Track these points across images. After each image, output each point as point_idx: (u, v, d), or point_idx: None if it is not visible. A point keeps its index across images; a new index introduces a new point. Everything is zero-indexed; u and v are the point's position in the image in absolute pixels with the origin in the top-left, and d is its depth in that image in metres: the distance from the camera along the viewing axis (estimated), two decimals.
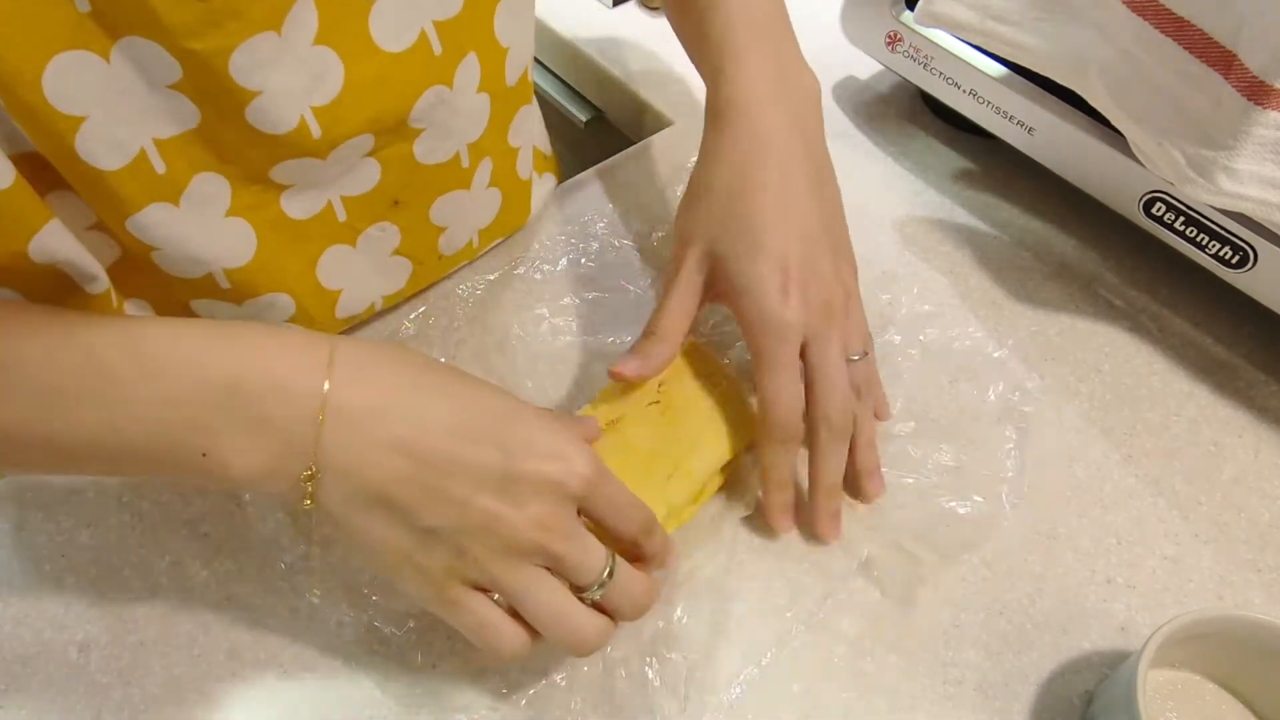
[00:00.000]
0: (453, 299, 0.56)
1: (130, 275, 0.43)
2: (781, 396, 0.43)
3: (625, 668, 0.42)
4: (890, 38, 0.62)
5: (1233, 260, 0.51)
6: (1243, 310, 0.55)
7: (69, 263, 0.39)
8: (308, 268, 0.47)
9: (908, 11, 0.61)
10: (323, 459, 0.34)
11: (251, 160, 0.40)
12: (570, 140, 0.77)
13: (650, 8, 0.77)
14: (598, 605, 0.38)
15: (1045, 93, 0.56)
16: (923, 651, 0.43)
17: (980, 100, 0.59)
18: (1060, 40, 0.52)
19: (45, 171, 0.37)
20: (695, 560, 0.45)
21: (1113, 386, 0.54)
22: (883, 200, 0.63)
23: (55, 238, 0.38)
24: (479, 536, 0.35)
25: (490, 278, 0.57)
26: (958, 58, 0.59)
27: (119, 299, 0.43)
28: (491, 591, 0.36)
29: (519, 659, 0.37)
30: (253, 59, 0.36)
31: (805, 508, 0.47)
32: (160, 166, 0.38)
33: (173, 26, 0.34)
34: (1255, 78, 0.44)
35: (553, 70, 0.79)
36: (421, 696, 0.41)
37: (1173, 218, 0.53)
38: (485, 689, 0.41)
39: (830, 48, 0.67)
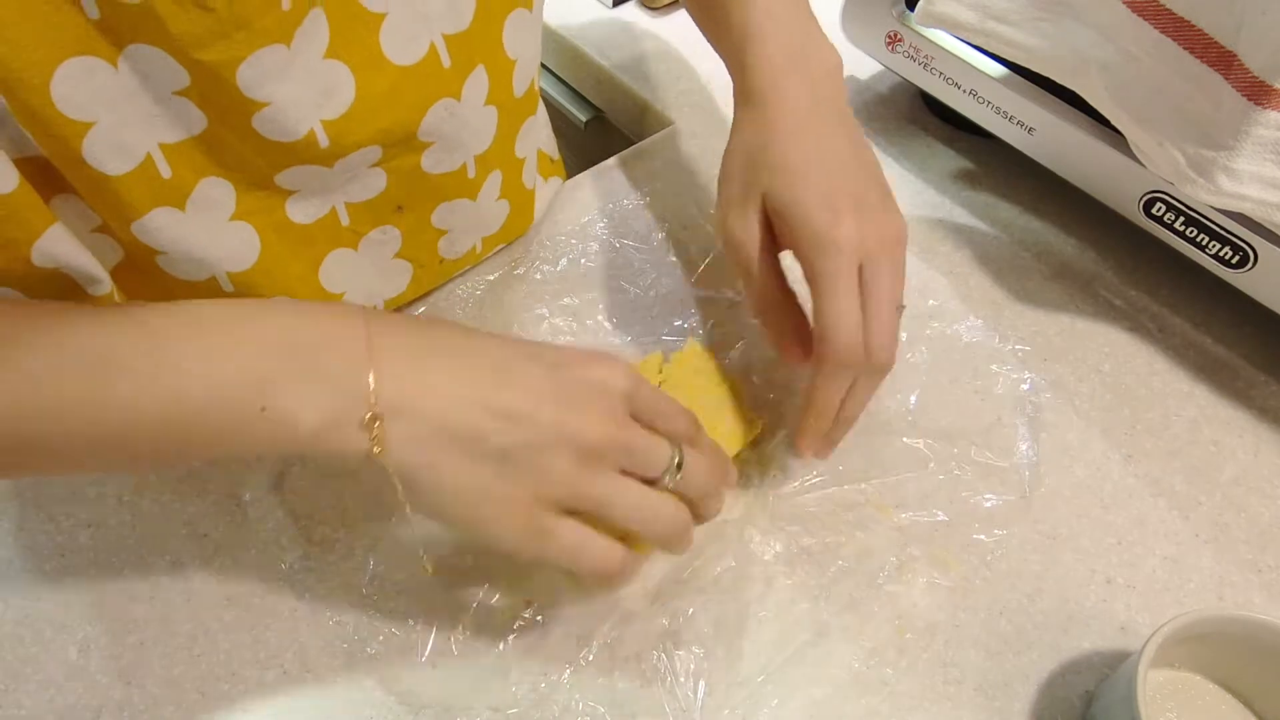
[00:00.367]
0: (453, 300, 0.56)
1: (133, 278, 0.43)
2: (844, 321, 0.41)
3: (631, 667, 0.42)
4: (890, 38, 0.62)
5: (1233, 260, 0.51)
6: (1243, 310, 0.55)
7: (71, 266, 0.39)
8: (310, 271, 0.47)
9: (908, 11, 0.61)
10: (382, 400, 0.34)
11: (257, 167, 0.41)
12: (570, 140, 0.77)
13: (650, 8, 0.77)
14: (678, 491, 0.38)
15: (1045, 93, 0.56)
16: (923, 651, 0.43)
17: (980, 100, 0.59)
18: (1060, 40, 0.52)
19: (50, 175, 0.37)
20: (703, 559, 0.45)
21: (1113, 386, 0.54)
22: None
23: (58, 242, 0.38)
24: (554, 450, 0.35)
25: (490, 278, 0.57)
26: (958, 58, 0.59)
27: (121, 301, 0.44)
28: (576, 515, 0.36)
29: (624, 577, 0.38)
30: (261, 71, 0.36)
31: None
32: (166, 171, 0.38)
33: (180, 37, 0.34)
34: (1255, 78, 0.44)
35: (553, 70, 0.79)
36: (422, 697, 0.41)
37: (1173, 218, 0.53)
38: (486, 691, 0.41)
39: None
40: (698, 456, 0.39)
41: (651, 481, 0.37)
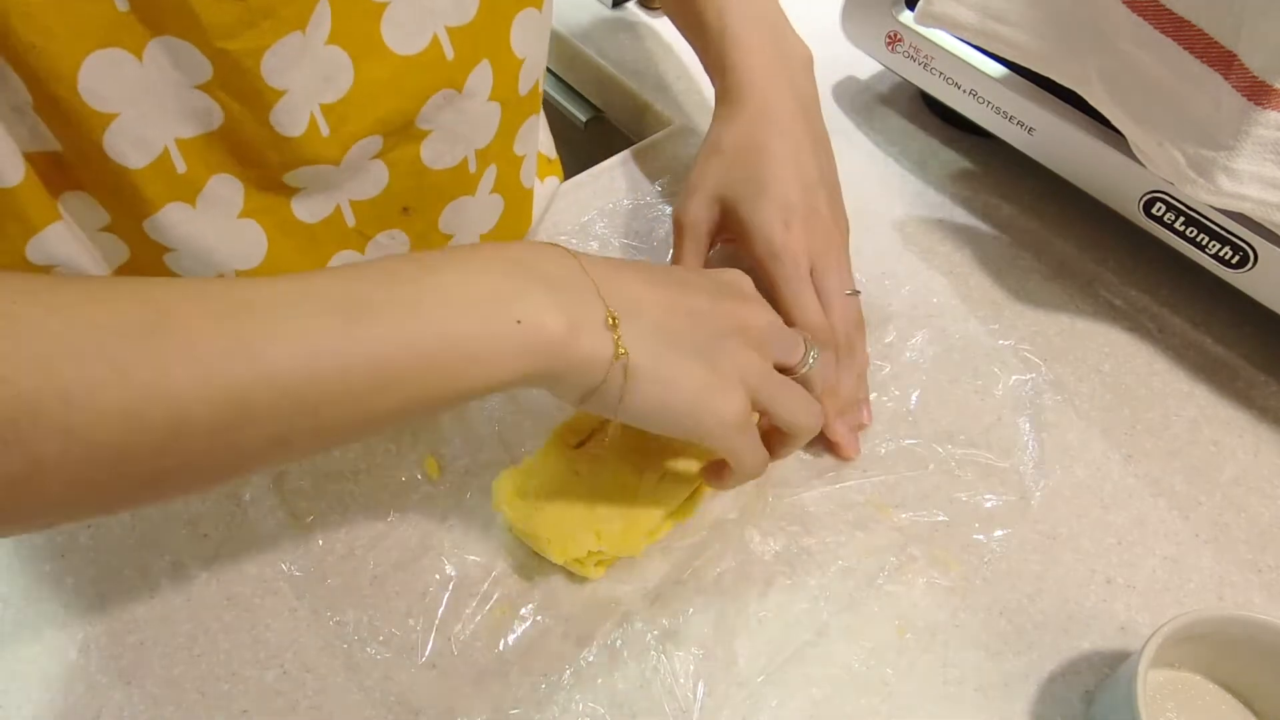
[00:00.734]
0: None
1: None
2: (808, 307, 0.48)
3: (631, 667, 0.42)
4: (890, 38, 0.62)
5: (1233, 260, 0.51)
6: (1243, 310, 0.55)
7: (68, 266, 0.39)
8: None
9: (908, 11, 0.61)
10: (612, 303, 0.36)
11: (268, 162, 0.41)
12: (570, 140, 0.77)
13: (650, 8, 0.77)
14: (806, 381, 0.43)
15: (1045, 93, 0.56)
16: (923, 652, 0.43)
17: (980, 100, 0.59)
18: (1060, 40, 0.52)
19: (61, 171, 0.37)
20: (703, 560, 0.45)
21: (1113, 386, 0.54)
22: (883, 200, 0.63)
23: (58, 240, 0.38)
24: (736, 337, 0.39)
25: None
26: (958, 58, 0.59)
27: None
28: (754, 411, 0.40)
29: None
30: (283, 59, 0.37)
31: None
32: (181, 166, 0.38)
33: (210, 26, 0.34)
34: (1255, 78, 0.44)
35: (553, 70, 0.79)
36: (422, 697, 0.41)
37: (1173, 218, 0.53)
38: (486, 689, 0.41)
39: (830, 48, 0.67)
40: (821, 349, 0.45)
41: (789, 369, 0.42)
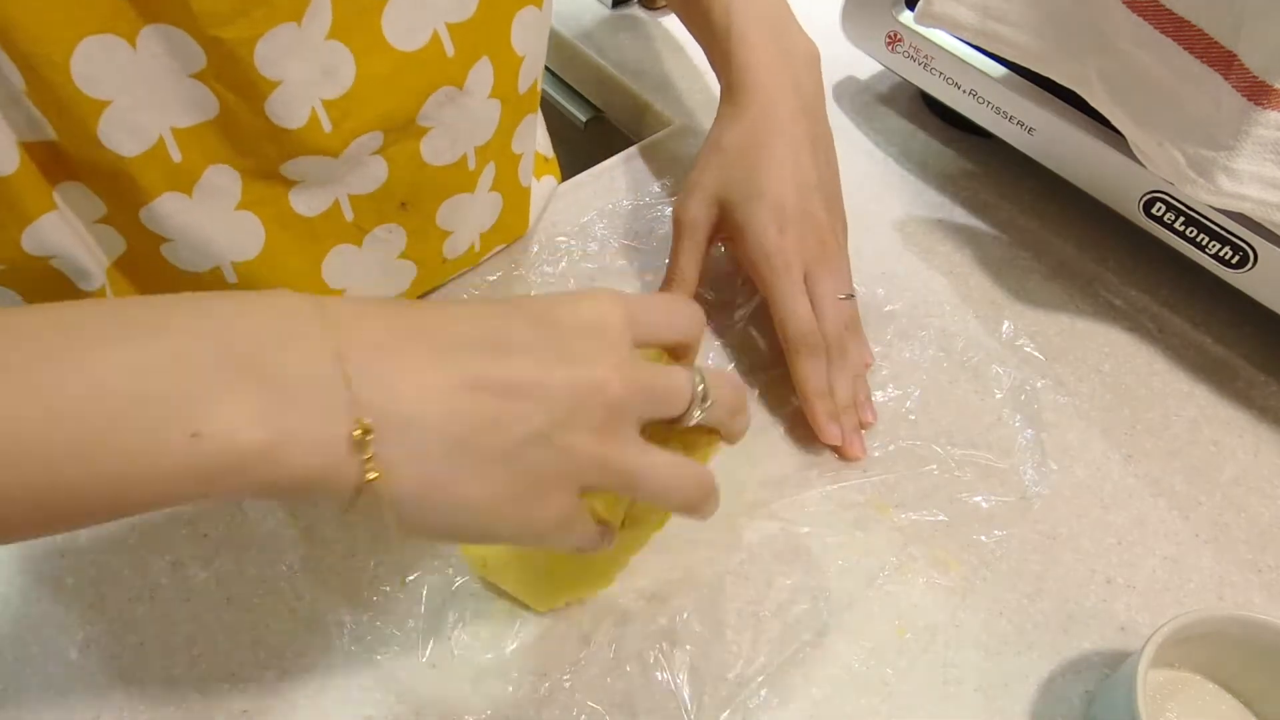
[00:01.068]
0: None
1: (135, 270, 0.43)
2: (797, 311, 0.48)
3: (631, 667, 0.42)
4: (890, 38, 0.62)
5: (1233, 260, 0.51)
6: (1243, 310, 0.55)
7: (64, 257, 0.39)
8: (313, 265, 0.47)
9: (908, 11, 0.61)
10: (366, 406, 0.26)
11: (265, 154, 0.40)
12: (570, 140, 0.77)
13: (650, 8, 0.77)
14: (704, 425, 0.34)
15: (1045, 93, 0.56)
16: (923, 652, 0.43)
17: (980, 100, 0.59)
18: (1060, 40, 0.52)
19: (58, 161, 0.37)
20: (701, 560, 0.45)
21: (1113, 386, 0.54)
22: (883, 200, 0.63)
23: (53, 230, 0.38)
24: (574, 420, 0.30)
25: (490, 279, 0.57)
26: (958, 58, 0.59)
27: (117, 296, 0.43)
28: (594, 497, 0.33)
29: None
30: (276, 48, 0.36)
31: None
32: (177, 155, 0.38)
33: (202, 13, 0.34)
34: (1255, 78, 0.44)
35: (553, 70, 0.79)
36: (422, 696, 0.41)
37: (1173, 218, 0.53)
38: (486, 690, 0.41)
39: (830, 48, 0.67)
40: (717, 374, 0.35)
41: (678, 419, 0.33)
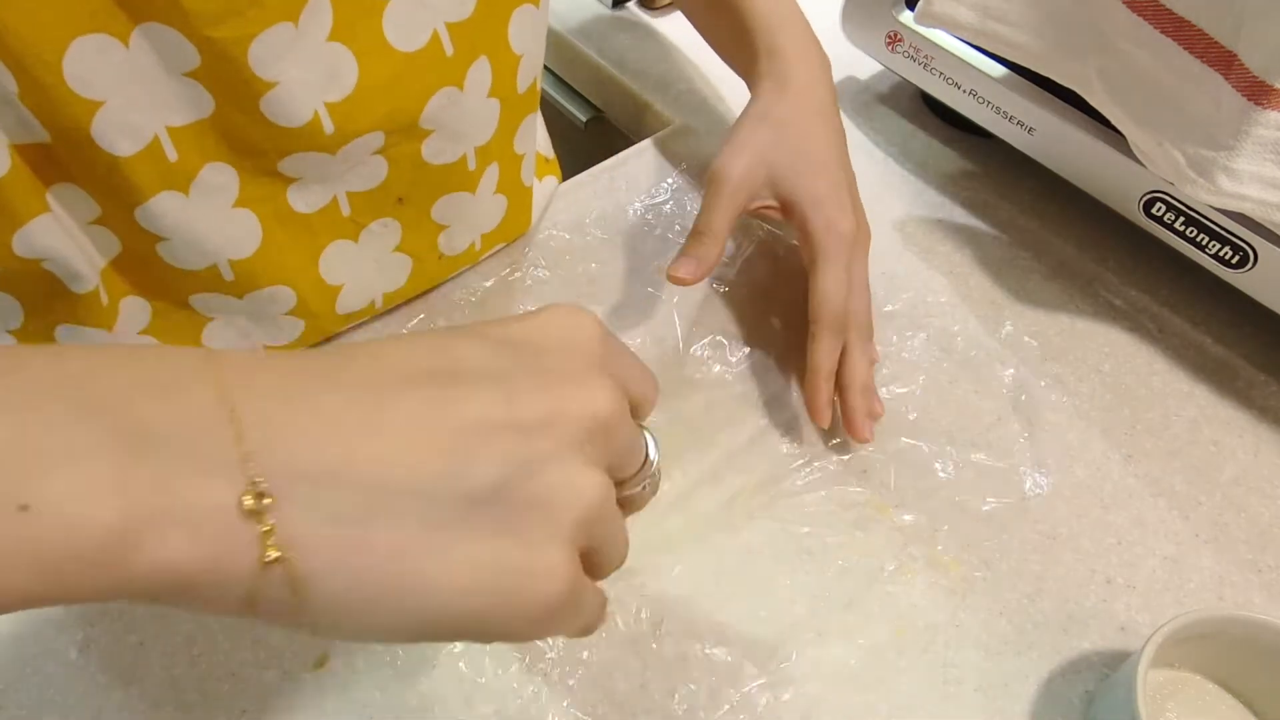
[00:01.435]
0: (451, 303, 0.56)
1: (130, 270, 0.43)
2: (841, 290, 0.49)
3: (631, 667, 0.42)
4: (890, 38, 0.62)
5: (1233, 260, 0.51)
6: (1243, 310, 0.55)
7: (56, 259, 0.39)
8: (310, 262, 0.47)
9: (908, 11, 0.61)
10: (264, 464, 0.20)
11: (262, 152, 0.40)
12: (570, 140, 0.77)
13: (650, 8, 0.77)
14: (632, 502, 0.29)
15: (1045, 93, 0.56)
16: (922, 652, 0.43)
17: (980, 100, 0.59)
18: (1060, 40, 0.52)
19: (51, 163, 0.37)
20: (701, 560, 0.45)
21: (1113, 386, 0.54)
22: (883, 200, 0.63)
23: (45, 233, 0.37)
24: (560, 454, 0.23)
25: (487, 284, 0.57)
26: (958, 58, 0.59)
27: (112, 297, 0.43)
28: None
29: None
30: (270, 49, 0.36)
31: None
32: (172, 154, 0.38)
33: (194, 13, 0.34)
34: (1255, 78, 0.44)
35: (553, 70, 0.79)
36: (425, 695, 0.41)
37: (1173, 218, 0.53)
38: (486, 691, 0.41)
39: (830, 48, 0.67)
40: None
41: (621, 483, 0.27)
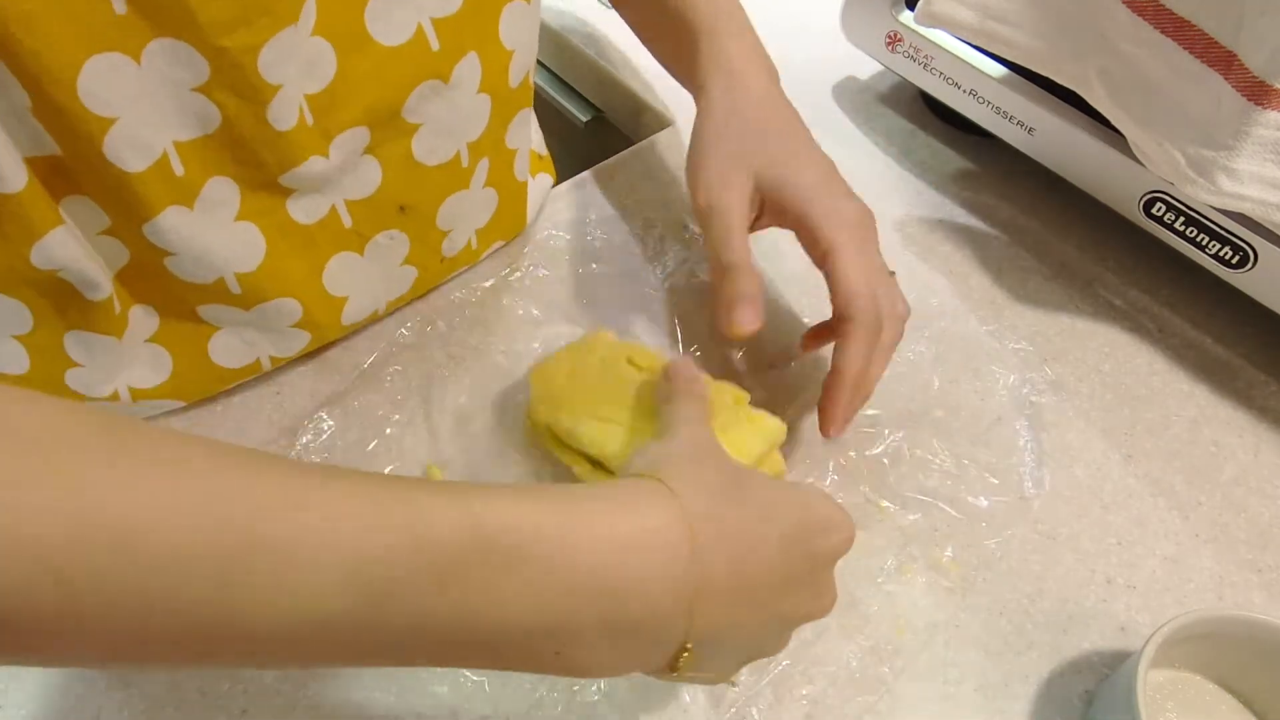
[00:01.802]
0: (451, 304, 0.56)
1: (139, 281, 0.43)
2: (868, 280, 0.44)
3: None
4: (890, 38, 0.62)
5: (1233, 260, 0.51)
6: (1243, 310, 0.55)
7: (71, 270, 0.39)
8: (314, 274, 0.47)
9: (908, 11, 0.61)
10: (693, 636, 0.32)
11: (263, 164, 0.41)
12: (570, 140, 0.77)
13: None
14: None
15: (1045, 93, 0.57)
16: (922, 651, 0.43)
17: (980, 100, 0.59)
18: (1060, 40, 0.52)
19: (62, 175, 0.37)
20: None
21: (1113, 386, 0.54)
22: (883, 200, 0.63)
23: (61, 245, 0.38)
24: (791, 629, 0.36)
25: (486, 284, 0.57)
26: (958, 58, 0.59)
27: (123, 305, 0.43)
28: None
29: None
30: (277, 54, 0.37)
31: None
32: (179, 169, 0.39)
33: (207, 23, 0.34)
34: (1255, 78, 0.44)
35: (553, 70, 0.79)
36: (423, 695, 0.41)
37: (1173, 218, 0.53)
38: (487, 690, 0.41)
39: (830, 48, 0.67)
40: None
41: None
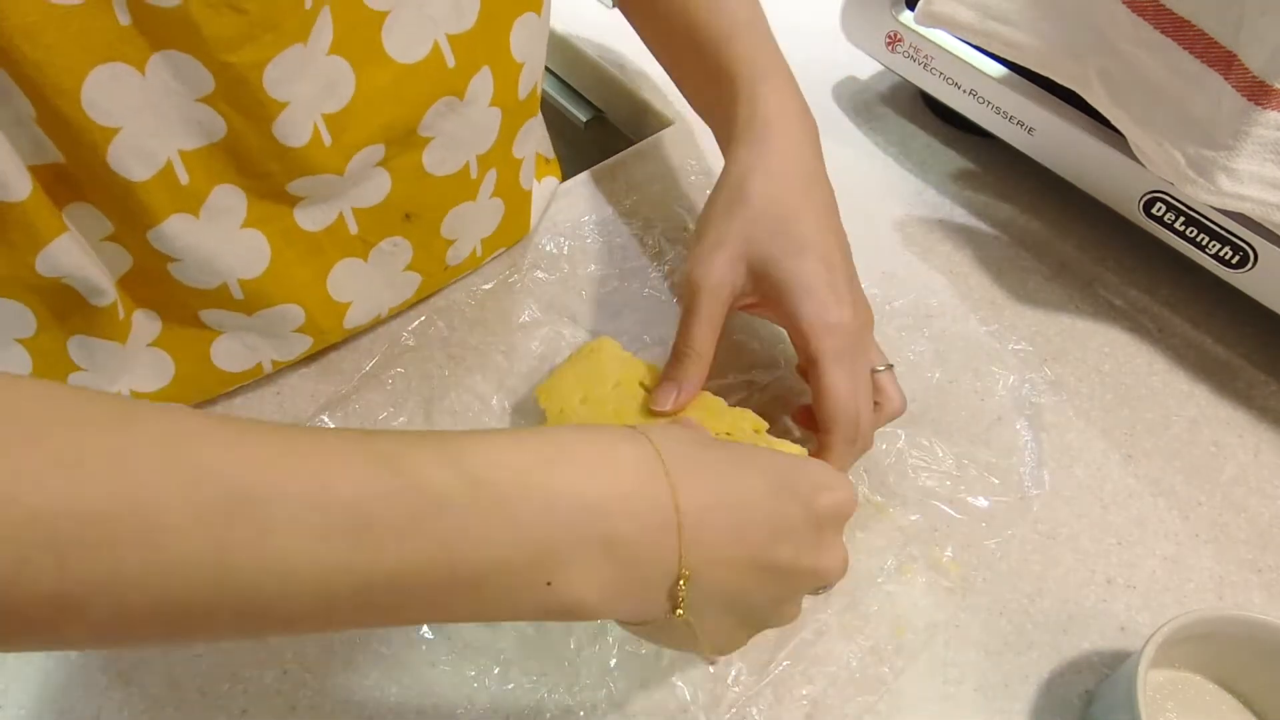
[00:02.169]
0: (452, 306, 0.56)
1: (141, 286, 0.43)
2: (852, 395, 0.42)
3: (631, 666, 0.42)
4: (890, 38, 0.62)
5: (1233, 260, 0.51)
6: (1243, 310, 0.55)
7: (76, 277, 0.39)
8: (319, 280, 0.47)
9: (908, 11, 0.61)
10: (688, 566, 0.31)
11: (270, 173, 0.41)
12: (570, 140, 0.77)
13: None
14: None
15: (1045, 93, 0.57)
16: (922, 651, 0.43)
17: (980, 100, 0.59)
18: (1060, 41, 0.52)
19: (65, 183, 0.37)
20: None
21: (1113, 386, 0.54)
22: (883, 200, 0.63)
23: (64, 253, 0.38)
24: (797, 594, 0.36)
25: (487, 287, 0.57)
26: (958, 58, 0.59)
27: (126, 310, 0.44)
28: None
29: None
30: (284, 71, 0.37)
31: None
32: (184, 178, 0.39)
33: (212, 39, 0.34)
34: (1255, 78, 0.44)
35: (553, 70, 0.79)
36: (423, 695, 0.41)
37: (1173, 218, 0.53)
38: (485, 690, 0.41)
39: (830, 48, 0.67)
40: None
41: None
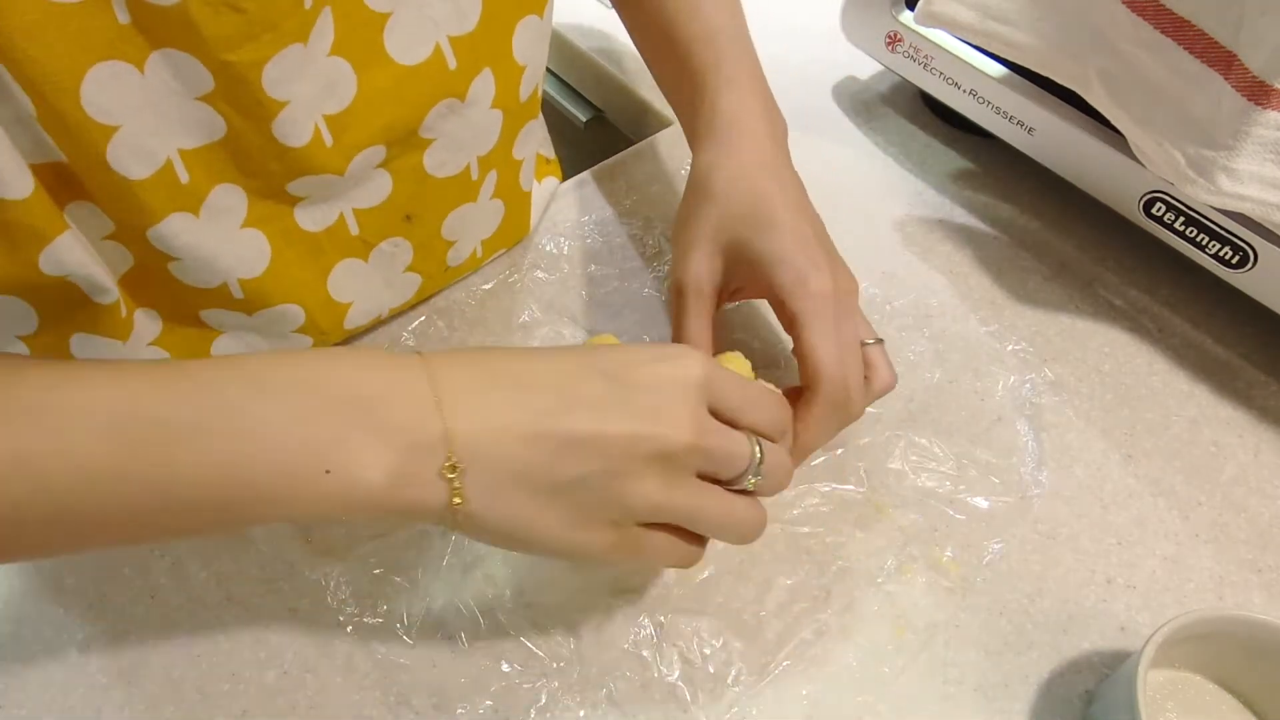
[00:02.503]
0: (452, 306, 0.56)
1: (142, 285, 0.43)
2: (836, 354, 0.42)
3: (631, 666, 0.42)
4: (890, 38, 0.62)
5: (1233, 260, 0.51)
6: (1243, 310, 0.55)
7: (79, 275, 0.39)
8: (319, 280, 0.47)
9: (908, 11, 0.61)
10: (457, 446, 0.32)
11: (271, 172, 0.41)
12: (570, 140, 0.77)
13: None
14: (760, 486, 0.37)
15: (1045, 93, 0.57)
16: (922, 651, 0.43)
17: (980, 100, 0.59)
18: (1060, 40, 0.52)
19: (66, 181, 0.37)
20: (701, 560, 0.45)
21: (1113, 386, 0.54)
22: (883, 200, 0.63)
23: (68, 250, 0.38)
24: (627, 471, 0.33)
25: (487, 287, 0.57)
26: (958, 58, 0.59)
27: (128, 309, 0.44)
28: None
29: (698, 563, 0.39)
30: (284, 71, 0.37)
31: None
32: (184, 177, 0.39)
33: (211, 38, 0.34)
34: (1255, 78, 0.44)
35: (553, 70, 0.79)
36: (423, 694, 0.41)
37: (1173, 218, 0.53)
38: (485, 689, 0.41)
39: (830, 48, 0.67)
40: (777, 453, 0.37)
41: (728, 481, 0.36)
